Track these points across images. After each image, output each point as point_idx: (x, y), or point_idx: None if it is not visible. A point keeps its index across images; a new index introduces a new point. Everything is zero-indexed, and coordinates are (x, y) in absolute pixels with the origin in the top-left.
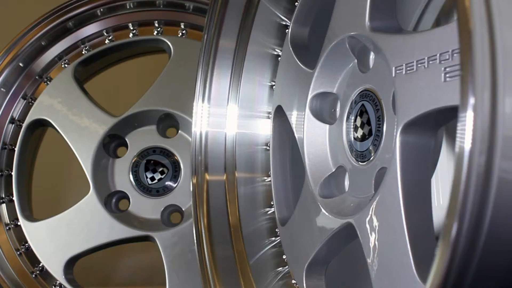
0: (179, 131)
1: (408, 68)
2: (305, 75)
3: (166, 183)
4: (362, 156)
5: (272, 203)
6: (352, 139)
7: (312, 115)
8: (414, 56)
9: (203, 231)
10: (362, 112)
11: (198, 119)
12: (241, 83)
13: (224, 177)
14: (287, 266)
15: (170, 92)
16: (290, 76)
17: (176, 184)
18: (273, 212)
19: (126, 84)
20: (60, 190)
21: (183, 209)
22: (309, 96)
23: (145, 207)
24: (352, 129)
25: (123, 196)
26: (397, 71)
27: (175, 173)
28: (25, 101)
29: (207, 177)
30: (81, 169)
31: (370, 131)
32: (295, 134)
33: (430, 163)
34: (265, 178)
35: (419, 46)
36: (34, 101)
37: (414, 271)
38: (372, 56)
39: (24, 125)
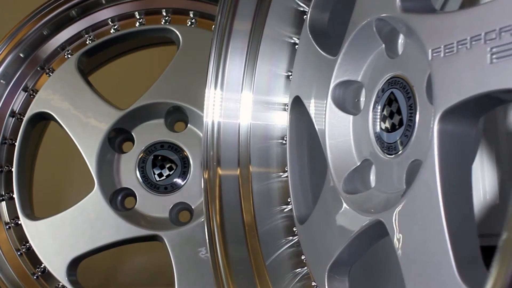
0: (188, 125)
1: (447, 50)
2: (326, 62)
3: (175, 179)
4: (391, 148)
5: (289, 200)
6: (380, 130)
7: (335, 105)
8: (454, 37)
9: (215, 230)
10: (391, 100)
11: (210, 108)
12: (256, 69)
13: (238, 172)
14: (305, 267)
15: (179, 84)
16: (309, 64)
17: (185, 181)
18: (290, 210)
19: (133, 76)
20: (63, 187)
21: (193, 207)
22: (332, 85)
23: (152, 205)
24: (379, 120)
25: (129, 193)
26: (434, 54)
27: (184, 169)
28: (26, 93)
29: (220, 171)
30: (85, 165)
31: (401, 121)
32: (315, 126)
33: (471, 154)
34: (281, 173)
35: (460, 26)
36: (36, 93)
37: (456, 272)
38: (401, 40)
39: (25, 118)
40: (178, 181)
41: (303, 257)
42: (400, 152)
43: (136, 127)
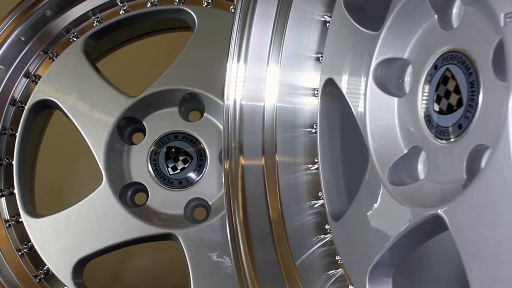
0: (205, 114)
1: None
2: (366, 39)
3: (190, 173)
4: (446, 133)
5: (319, 194)
6: (432, 112)
7: (377, 86)
8: None
9: (238, 227)
10: (447, 78)
11: (231, 88)
12: (284, 44)
13: (262, 162)
14: (340, 269)
15: (195, 69)
16: (344, 42)
17: (201, 175)
18: (321, 205)
19: (143, 63)
20: (67, 181)
21: (210, 204)
22: (373, 63)
23: (165, 201)
24: (431, 101)
25: (140, 188)
26: (508, 19)
27: (200, 162)
28: (28, 79)
29: (242, 161)
30: (92, 158)
31: (460, 101)
32: (353, 111)
33: None
34: (310, 165)
35: None
36: (38, 79)
37: None
38: (457, 9)
39: (27, 107)
40: (194, 175)
41: (337, 258)
42: (458, 137)
43: (148, 116)
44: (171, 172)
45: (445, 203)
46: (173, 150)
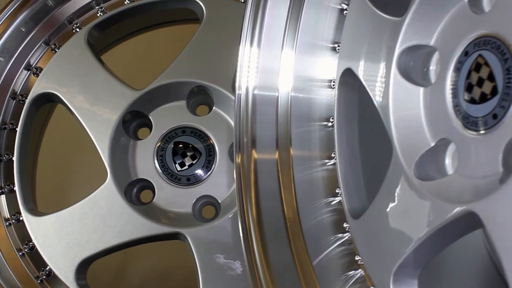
0: (213, 108)
1: None
2: (387, 25)
3: (198, 170)
4: (478, 124)
5: (337, 191)
6: (462, 102)
7: (401, 75)
8: None
9: (251, 226)
10: (480, 65)
11: (243, 75)
12: (300, 30)
13: (276, 156)
14: (360, 269)
15: (203, 61)
16: (364, 30)
17: (210, 172)
18: (338, 202)
19: (149, 56)
20: (70, 178)
21: (219, 201)
22: (397, 51)
23: (173, 198)
24: (462, 89)
25: (146, 185)
26: None
27: (209, 158)
28: (29, 72)
29: (255, 155)
30: (96, 153)
31: (494, 89)
32: (374, 101)
33: None
34: (326, 160)
35: None
36: (40, 72)
37: None
38: None
39: (28, 100)
40: (202, 171)
41: (357, 258)
42: (492, 127)
43: (154, 110)
44: (179, 169)
45: (480, 199)
46: (180, 145)
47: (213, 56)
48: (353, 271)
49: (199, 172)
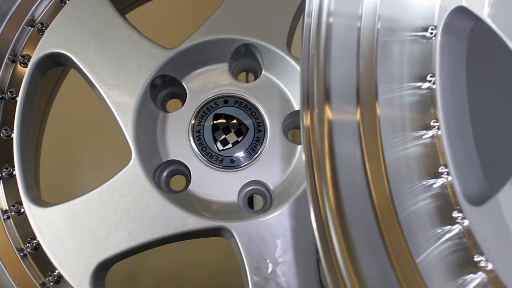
0: (263, 72)
1: None
2: None
3: (245, 149)
4: None
5: (440, 170)
6: None
7: None
8: None
9: (329, 218)
10: None
11: None
12: None
13: (358, 115)
14: (480, 272)
15: (251, 13)
16: None
17: (259, 151)
18: (440, 185)
19: (182, 9)
20: (84, 160)
21: (271, 188)
22: None
23: (213, 185)
24: None
25: (179, 169)
26: None
27: (258, 135)
28: (33, 28)
29: (329, 113)
30: (116, 128)
31: None
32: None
33: None
34: (422, 132)
35: None
36: (46, 28)
37: None
38: None
39: (31, 63)
40: (250, 151)
41: (478, 258)
42: None
43: (189, 76)
44: (220, 148)
45: None
46: (222, 119)
47: (264, 7)
48: (471, 275)
49: (246, 152)
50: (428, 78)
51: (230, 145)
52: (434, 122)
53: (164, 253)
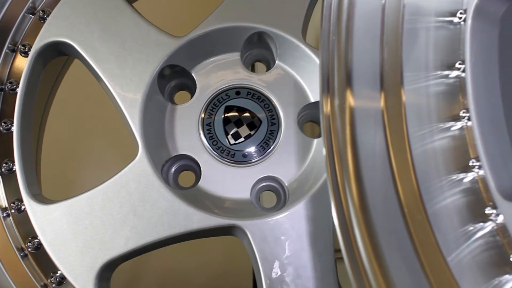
0: (277, 62)
1: None
2: None
3: (257, 143)
4: None
5: (470, 163)
6: None
7: None
8: None
9: (353, 218)
10: None
11: None
12: None
13: (382, 102)
14: None
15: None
16: None
17: (273, 146)
18: (471, 180)
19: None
20: (87, 155)
21: (286, 184)
22: None
23: (224, 181)
24: None
25: (188, 164)
26: None
27: (272, 128)
28: (34, 16)
29: (351, 100)
30: (122, 121)
31: None
32: None
33: None
34: (451, 123)
35: None
36: (48, 16)
37: None
38: None
39: (32, 52)
40: (263, 145)
41: None
42: None
43: (199, 65)
44: (232, 142)
45: None
46: (234, 111)
47: None
48: (506, 275)
49: (259, 146)
50: (457, 65)
51: (242, 139)
52: (463, 112)
53: (168, 253)
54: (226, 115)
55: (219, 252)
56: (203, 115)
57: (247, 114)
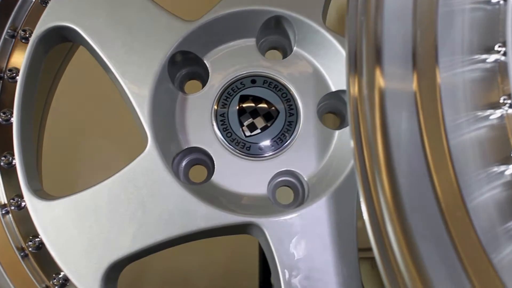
0: (295, 49)
1: None
2: None
3: (275, 135)
4: None
5: None
6: None
7: None
8: None
9: (385, 214)
10: None
11: None
12: None
13: (414, 83)
14: None
15: None
16: None
17: (291, 138)
18: None
19: None
20: (92, 148)
21: (305, 179)
22: None
23: (239, 175)
24: None
25: (200, 158)
26: None
27: (290, 119)
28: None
29: (381, 80)
30: (127, 115)
31: None
32: None
33: None
34: (489, 111)
35: None
36: None
37: None
38: None
39: (33, 38)
40: (281, 138)
41: None
42: None
43: (211, 52)
44: (248, 134)
45: None
46: (249, 101)
47: None
48: None
49: (276, 138)
50: (496, 48)
51: (258, 131)
52: (504, 99)
53: (171, 253)
54: (241, 105)
55: (223, 251)
56: (216, 105)
57: (263, 104)
